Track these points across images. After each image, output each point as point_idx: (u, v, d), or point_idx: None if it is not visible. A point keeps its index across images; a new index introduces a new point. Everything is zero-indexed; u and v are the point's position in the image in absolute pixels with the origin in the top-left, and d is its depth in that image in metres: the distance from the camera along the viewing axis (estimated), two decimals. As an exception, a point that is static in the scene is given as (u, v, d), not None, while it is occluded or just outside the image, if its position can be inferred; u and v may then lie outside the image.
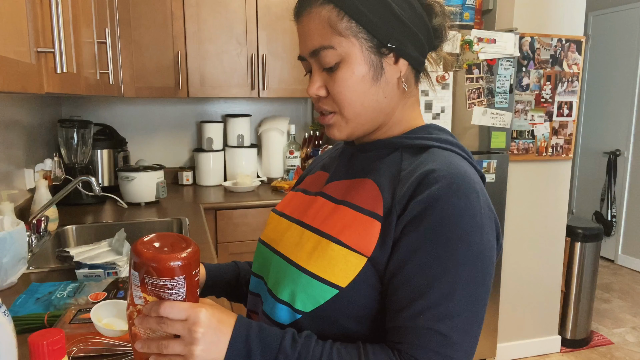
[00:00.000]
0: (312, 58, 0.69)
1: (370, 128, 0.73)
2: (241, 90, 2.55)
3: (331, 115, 0.71)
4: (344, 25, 0.66)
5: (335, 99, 0.69)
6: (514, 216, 2.60)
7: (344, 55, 0.67)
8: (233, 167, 2.78)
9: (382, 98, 0.70)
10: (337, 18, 0.66)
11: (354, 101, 0.69)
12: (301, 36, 0.70)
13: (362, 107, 0.70)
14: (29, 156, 2.02)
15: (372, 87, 0.69)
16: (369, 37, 0.67)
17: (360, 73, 0.68)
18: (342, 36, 0.66)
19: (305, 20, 0.69)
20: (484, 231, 0.63)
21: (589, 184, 4.56)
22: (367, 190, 0.70)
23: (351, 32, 0.66)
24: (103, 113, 2.71)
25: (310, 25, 0.68)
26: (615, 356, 2.77)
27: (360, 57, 0.67)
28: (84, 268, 1.34)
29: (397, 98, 0.73)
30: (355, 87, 0.68)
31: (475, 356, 2.54)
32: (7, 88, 0.68)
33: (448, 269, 0.61)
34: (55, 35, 0.87)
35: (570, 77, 2.58)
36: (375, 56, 0.68)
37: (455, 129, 2.31)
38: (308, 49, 0.69)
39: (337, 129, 0.72)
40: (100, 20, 1.66)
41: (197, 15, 2.43)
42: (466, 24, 2.33)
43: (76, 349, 0.90)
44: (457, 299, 0.61)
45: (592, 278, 2.82)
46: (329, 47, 0.67)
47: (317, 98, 0.72)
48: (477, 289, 0.62)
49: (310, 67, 0.71)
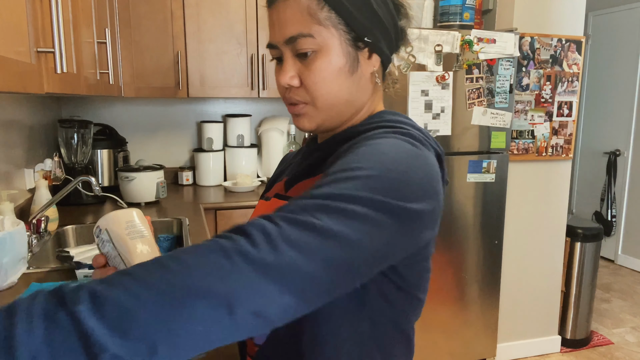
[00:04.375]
0: (287, 46, 0.67)
1: (339, 121, 0.72)
2: (241, 90, 2.55)
3: (302, 105, 0.70)
4: (324, 15, 0.65)
5: (310, 90, 0.68)
6: (514, 216, 2.60)
7: (322, 45, 0.66)
8: (233, 167, 2.78)
9: (355, 91, 0.70)
10: (318, 7, 0.65)
11: (328, 92, 0.68)
12: (275, 23, 0.68)
13: (336, 99, 0.69)
14: (29, 156, 2.02)
15: (347, 79, 0.68)
16: (348, 29, 0.66)
17: (338, 65, 0.67)
18: (322, 26, 0.65)
19: (282, 7, 0.67)
20: (412, 168, 0.59)
21: (589, 184, 4.56)
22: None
23: (331, 22, 0.65)
24: (103, 113, 2.71)
25: (287, 12, 0.66)
26: (615, 356, 2.77)
27: (338, 49, 0.67)
28: (84, 268, 1.34)
29: (368, 92, 0.73)
30: (331, 78, 0.67)
31: (475, 356, 2.54)
32: (7, 88, 0.68)
33: (358, 159, 0.58)
34: (55, 35, 0.87)
35: (570, 77, 2.58)
36: (352, 49, 0.68)
37: (455, 129, 2.31)
38: (284, 36, 0.67)
39: (307, 119, 0.71)
40: (100, 20, 1.66)
41: (197, 15, 2.43)
42: (466, 24, 2.33)
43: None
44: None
45: (592, 278, 2.82)
46: (308, 35, 0.65)
47: (288, 88, 0.70)
48: (375, 218, 0.54)
49: (280, 55, 0.69)
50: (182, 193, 2.56)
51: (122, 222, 0.70)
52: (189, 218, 2.00)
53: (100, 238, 0.70)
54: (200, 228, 1.89)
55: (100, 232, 0.71)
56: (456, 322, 2.48)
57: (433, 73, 2.23)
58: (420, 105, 2.24)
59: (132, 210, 0.74)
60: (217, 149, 2.75)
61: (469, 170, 2.36)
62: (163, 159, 2.84)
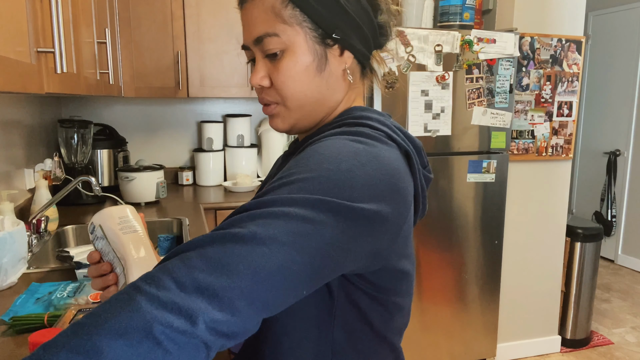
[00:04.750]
0: (256, 46, 0.67)
1: (313, 121, 0.71)
2: (241, 90, 2.55)
3: (274, 105, 0.70)
4: (289, 12, 0.64)
5: (278, 89, 0.67)
6: (514, 216, 2.60)
7: (288, 44, 0.65)
8: (233, 167, 2.78)
9: (325, 90, 0.69)
10: (282, 5, 0.64)
11: (297, 91, 0.67)
12: (244, 24, 0.68)
13: (305, 98, 0.68)
14: (29, 156, 2.02)
15: (315, 77, 0.67)
16: (314, 26, 0.65)
17: (304, 63, 0.66)
18: (287, 24, 0.65)
19: (249, 7, 0.66)
20: (358, 166, 0.55)
21: (589, 184, 4.56)
22: None
23: (295, 20, 0.65)
24: (103, 113, 2.71)
25: (253, 12, 0.66)
26: (615, 356, 2.77)
27: (304, 47, 0.66)
28: (84, 268, 1.34)
29: (341, 90, 0.71)
30: (299, 77, 0.66)
31: (475, 356, 2.54)
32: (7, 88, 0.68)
33: (291, 173, 0.55)
34: (55, 35, 0.87)
35: (570, 77, 2.58)
36: (319, 46, 0.67)
37: (455, 129, 2.31)
38: (252, 36, 0.67)
39: (280, 119, 0.71)
40: (100, 20, 1.66)
41: (197, 15, 2.43)
42: (466, 24, 2.33)
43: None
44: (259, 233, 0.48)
45: (592, 278, 2.82)
46: (273, 35, 0.65)
47: (261, 89, 0.70)
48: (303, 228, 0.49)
49: (254, 56, 0.69)
50: (182, 193, 2.56)
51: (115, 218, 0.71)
52: (189, 218, 2.00)
53: (95, 234, 0.71)
54: (200, 228, 1.89)
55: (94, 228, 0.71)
56: (456, 322, 2.47)
57: (433, 73, 2.23)
58: (420, 105, 2.24)
59: (125, 207, 0.74)
60: (217, 149, 2.75)
61: (469, 170, 2.36)
62: (163, 159, 2.84)
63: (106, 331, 0.41)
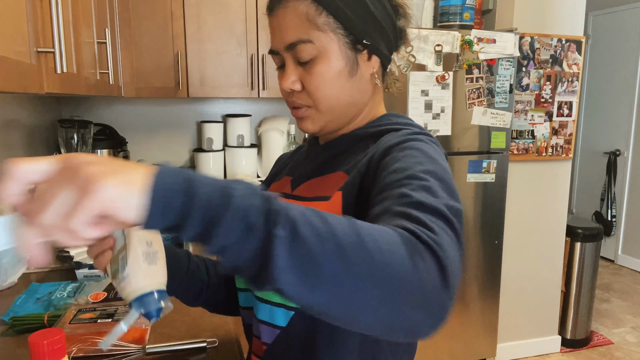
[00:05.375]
0: (288, 52, 0.69)
1: (342, 122, 0.74)
2: (241, 90, 2.55)
3: (305, 108, 0.72)
4: (323, 20, 0.67)
5: (311, 93, 0.70)
6: (514, 216, 2.60)
7: (321, 49, 0.67)
8: (233, 167, 2.78)
9: (356, 93, 0.72)
10: (316, 13, 0.66)
11: (329, 95, 0.70)
12: (275, 29, 0.70)
13: (337, 102, 0.71)
14: (29, 156, 2.02)
15: (347, 82, 0.70)
16: (346, 33, 0.68)
17: (337, 68, 0.69)
18: (321, 31, 0.67)
19: (281, 13, 0.68)
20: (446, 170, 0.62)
21: (589, 184, 4.56)
22: (336, 180, 0.70)
23: (329, 27, 0.67)
24: (103, 113, 2.71)
25: (286, 19, 0.68)
26: (615, 356, 2.77)
27: (337, 53, 0.68)
28: (84, 268, 1.34)
29: (369, 93, 0.75)
30: (332, 81, 0.69)
31: (475, 356, 2.54)
32: (7, 88, 0.68)
33: (420, 162, 0.59)
34: (55, 35, 0.87)
35: (570, 77, 2.58)
36: (351, 52, 0.69)
37: (455, 129, 2.31)
38: (284, 42, 0.69)
39: (310, 121, 0.73)
40: (100, 20, 1.66)
41: (197, 15, 2.43)
42: (466, 24, 2.33)
43: (76, 349, 0.90)
44: (433, 172, 0.57)
45: (592, 278, 2.82)
46: (307, 41, 0.67)
47: (291, 92, 0.72)
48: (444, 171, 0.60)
49: (282, 61, 0.71)
50: (182, 193, 2.56)
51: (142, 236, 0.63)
52: (189, 218, 2.00)
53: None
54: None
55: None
56: (456, 322, 2.47)
57: (433, 73, 2.23)
58: (420, 105, 2.24)
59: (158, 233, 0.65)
60: (217, 149, 2.75)
61: (469, 170, 2.36)
62: (163, 159, 2.84)
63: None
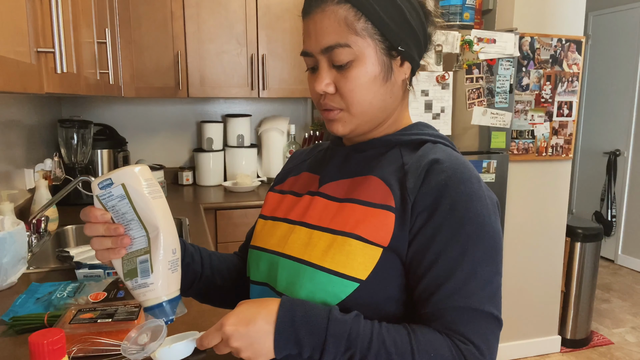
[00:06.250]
0: (324, 55, 0.70)
1: (372, 126, 0.75)
2: (241, 90, 2.55)
3: (337, 111, 0.73)
4: (361, 25, 0.68)
5: (345, 97, 0.71)
6: (514, 216, 2.60)
7: (358, 54, 0.68)
8: (233, 167, 2.78)
9: (388, 98, 0.73)
10: (355, 18, 0.67)
11: (363, 99, 0.71)
12: (311, 32, 0.70)
13: (370, 106, 0.72)
14: (29, 156, 2.02)
15: (381, 87, 0.71)
16: (383, 39, 0.69)
17: (373, 73, 0.70)
18: (358, 36, 0.68)
19: (319, 17, 0.69)
20: (490, 211, 0.69)
21: (589, 184, 4.56)
22: (373, 186, 0.71)
23: (367, 32, 0.68)
24: (103, 113, 2.71)
25: (324, 22, 0.69)
26: (615, 356, 2.77)
27: (373, 58, 0.69)
28: (84, 268, 1.34)
29: (399, 98, 0.76)
30: (367, 86, 0.70)
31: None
32: (7, 88, 0.68)
33: (467, 250, 0.66)
34: (55, 35, 0.87)
35: (570, 77, 2.58)
36: (386, 57, 0.71)
37: (455, 129, 2.31)
38: (321, 45, 0.69)
39: (341, 124, 0.74)
40: (100, 20, 1.66)
41: (197, 15, 2.43)
42: (466, 24, 2.33)
43: (76, 349, 0.90)
44: (480, 275, 0.67)
45: (592, 278, 2.82)
46: (345, 45, 0.68)
47: (323, 95, 0.72)
48: (494, 263, 0.70)
49: (315, 63, 0.72)
50: (182, 193, 2.56)
51: (140, 179, 0.66)
52: (189, 218, 2.00)
53: (110, 192, 0.65)
54: (201, 228, 1.90)
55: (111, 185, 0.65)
56: (456, 322, 2.47)
57: (433, 73, 2.23)
58: (420, 105, 2.24)
59: (146, 167, 0.68)
60: (217, 149, 2.75)
61: (469, 170, 2.36)
62: (163, 159, 2.84)
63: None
